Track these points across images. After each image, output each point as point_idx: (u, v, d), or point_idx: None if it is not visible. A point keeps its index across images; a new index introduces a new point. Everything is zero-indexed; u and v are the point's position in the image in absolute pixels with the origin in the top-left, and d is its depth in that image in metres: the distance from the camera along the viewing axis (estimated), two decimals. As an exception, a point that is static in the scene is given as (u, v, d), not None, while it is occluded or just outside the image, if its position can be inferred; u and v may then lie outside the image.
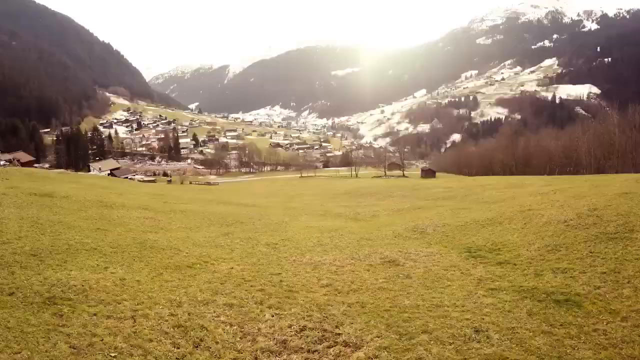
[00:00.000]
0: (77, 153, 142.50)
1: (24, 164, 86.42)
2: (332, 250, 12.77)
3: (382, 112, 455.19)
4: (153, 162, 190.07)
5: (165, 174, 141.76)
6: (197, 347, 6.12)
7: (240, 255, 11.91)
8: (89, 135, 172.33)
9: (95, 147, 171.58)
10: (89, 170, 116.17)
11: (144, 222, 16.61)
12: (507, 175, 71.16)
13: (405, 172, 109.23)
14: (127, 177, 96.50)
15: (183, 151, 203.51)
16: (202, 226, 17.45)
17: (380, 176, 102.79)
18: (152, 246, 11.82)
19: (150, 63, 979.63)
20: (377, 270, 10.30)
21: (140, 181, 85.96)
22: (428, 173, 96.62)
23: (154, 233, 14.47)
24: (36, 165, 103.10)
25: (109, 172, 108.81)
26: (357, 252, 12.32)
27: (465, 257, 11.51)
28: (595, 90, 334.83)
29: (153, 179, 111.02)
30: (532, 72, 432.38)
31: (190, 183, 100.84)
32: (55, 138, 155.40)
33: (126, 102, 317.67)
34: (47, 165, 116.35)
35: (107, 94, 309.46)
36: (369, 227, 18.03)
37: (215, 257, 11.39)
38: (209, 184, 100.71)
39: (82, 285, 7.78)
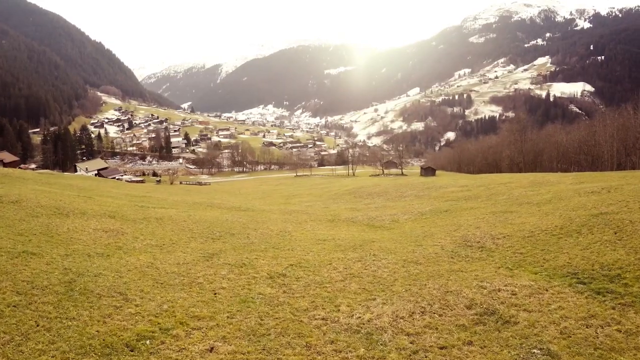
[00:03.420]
0: (65, 153, 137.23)
1: (7, 164, 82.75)
2: (377, 290, 8.42)
3: (376, 110, 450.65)
4: (144, 162, 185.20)
5: (155, 174, 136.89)
6: None
7: (228, 308, 7.45)
8: (78, 134, 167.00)
9: (84, 146, 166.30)
10: (76, 171, 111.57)
11: (98, 238, 12.24)
12: (515, 172, 67.45)
13: (403, 170, 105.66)
14: (114, 178, 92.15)
15: (175, 150, 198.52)
16: (180, 242, 12.98)
17: (378, 175, 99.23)
18: (84, 289, 7.50)
19: (143, 62, 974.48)
20: (490, 344, 6.03)
21: (128, 181, 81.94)
22: (428, 171, 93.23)
23: (103, 258, 10.08)
24: (22, 165, 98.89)
25: (96, 172, 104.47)
26: (419, 292, 8.05)
27: (588, 295, 7.66)
28: (588, 88, 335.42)
29: (142, 179, 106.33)
30: (526, 70, 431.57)
31: (181, 183, 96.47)
32: (42, 137, 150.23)
33: (118, 102, 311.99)
34: (33, 166, 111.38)
35: (99, 93, 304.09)
36: (402, 239, 13.74)
37: (185, 314, 7.02)
38: (200, 183, 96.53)
39: None
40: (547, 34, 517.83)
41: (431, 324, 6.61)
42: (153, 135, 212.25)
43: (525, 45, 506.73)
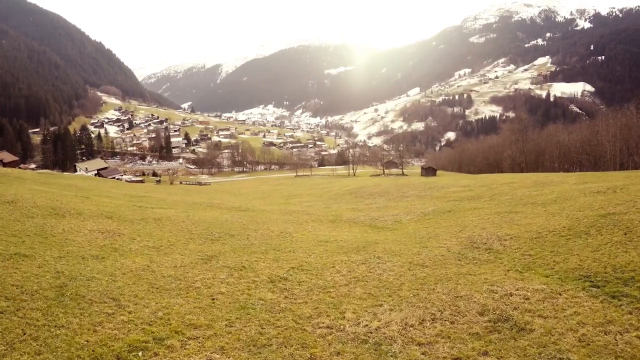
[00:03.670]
0: (65, 153, 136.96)
1: (7, 164, 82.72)
2: (384, 296, 8.02)
3: (376, 110, 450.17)
4: (144, 162, 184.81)
5: (155, 174, 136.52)
6: None
7: (226, 315, 6.98)
8: (78, 134, 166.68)
9: (83, 146, 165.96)
10: (75, 171, 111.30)
11: (94, 240, 11.89)
12: (516, 172, 67.09)
13: (403, 170, 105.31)
14: (114, 177, 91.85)
15: (175, 150, 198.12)
16: (178, 243, 12.64)
17: (378, 174, 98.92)
18: (75, 295, 7.14)
19: (143, 62, 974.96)
20: (507, 354, 5.64)
21: (127, 181, 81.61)
22: (429, 171, 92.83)
23: (97, 261, 9.72)
24: (22, 165, 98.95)
25: (95, 172, 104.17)
26: (427, 298, 7.65)
27: (603, 299, 7.35)
28: (589, 88, 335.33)
29: (141, 179, 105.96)
30: (526, 70, 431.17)
31: (181, 183, 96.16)
32: (42, 137, 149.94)
33: (118, 102, 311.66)
34: (33, 166, 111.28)
35: (99, 93, 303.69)
36: (407, 241, 13.40)
37: (181, 322, 6.55)
38: (200, 183, 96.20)
39: None
40: (548, 34, 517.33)
41: (443, 332, 6.23)
42: (153, 135, 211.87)
43: (526, 45, 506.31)
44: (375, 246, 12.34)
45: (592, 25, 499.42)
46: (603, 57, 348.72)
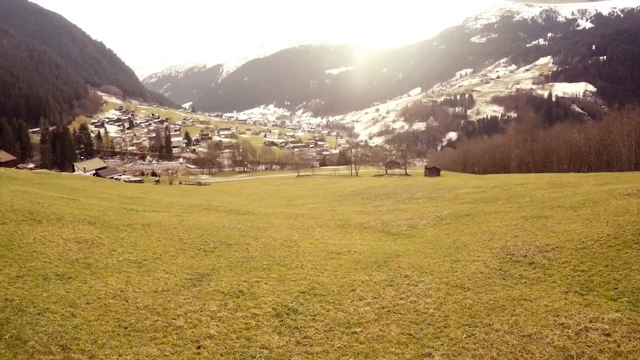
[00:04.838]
0: (64, 152, 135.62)
1: (4, 164, 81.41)
2: (428, 338, 6.04)
3: (377, 110, 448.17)
4: (144, 162, 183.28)
5: (154, 174, 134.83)
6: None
7: None
8: (77, 134, 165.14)
9: (83, 146, 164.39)
10: (74, 170, 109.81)
11: (66, 252, 10.08)
12: (524, 172, 65.37)
13: (407, 171, 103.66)
14: (112, 177, 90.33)
15: (175, 150, 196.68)
16: (164, 256, 10.81)
17: (381, 175, 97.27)
18: (16, 338, 5.34)
19: (144, 62, 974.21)
20: None
21: (126, 181, 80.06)
22: (432, 171, 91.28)
23: (61, 282, 7.87)
24: (20, 165, 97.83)
25: (94, 171, 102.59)
26: (487, 339, 5.80)
27: None
28: (590, 88, 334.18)
29: (140, 179, 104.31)
30: (527, 70, 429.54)
31: (180, 183, 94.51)
32: (41, 137, 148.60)
33: (118, 101, 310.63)
34: (31, 165, 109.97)
35: (99, 93, 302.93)
36: (431, 252, 11.57)
37: None
38: (199, 183, 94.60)
39: None
40: (549, 34, 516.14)
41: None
42: (153, 134, 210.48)
43: (527, 45, 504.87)
44: (398, 260, 10.47)
45: (593, 25, 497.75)
46: (605, 57, 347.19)
